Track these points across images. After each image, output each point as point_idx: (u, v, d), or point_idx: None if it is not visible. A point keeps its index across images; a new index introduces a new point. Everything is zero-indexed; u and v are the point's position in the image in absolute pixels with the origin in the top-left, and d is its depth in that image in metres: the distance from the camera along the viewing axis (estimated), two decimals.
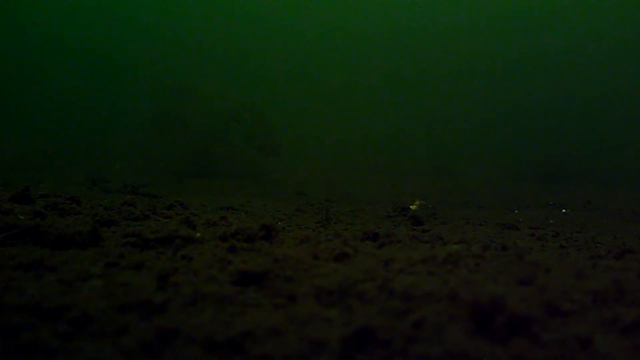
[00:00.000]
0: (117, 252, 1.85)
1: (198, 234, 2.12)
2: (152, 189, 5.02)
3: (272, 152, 9.27)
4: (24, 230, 2.00)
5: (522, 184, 9.74)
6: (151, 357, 1.09)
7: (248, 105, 9.89)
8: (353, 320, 1.23)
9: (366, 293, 1.42)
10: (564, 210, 5.14)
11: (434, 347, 1.11)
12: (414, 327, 1.20)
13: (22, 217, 2.33)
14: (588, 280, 1.52)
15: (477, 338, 1.17)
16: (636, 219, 4.56)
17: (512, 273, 1.60)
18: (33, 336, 1.12)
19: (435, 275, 1.62)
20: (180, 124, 10.00)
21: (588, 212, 5.18)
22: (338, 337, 1.14)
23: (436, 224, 3.38)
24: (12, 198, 2.97)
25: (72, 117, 16.04)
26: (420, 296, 1.37)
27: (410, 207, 3.92)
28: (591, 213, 5.04)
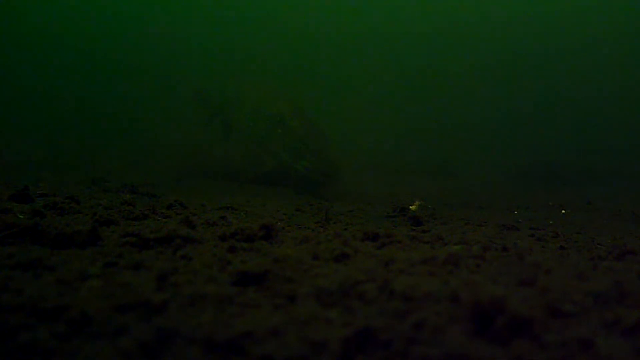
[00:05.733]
0: (116, 251, 1.85)
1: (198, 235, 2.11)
2: (151, 188, 5.01)
3: (329, 176, 6.58)
4: (23, 229, 1.99)
5: (522, 185, 9.74)
6: (150, 358, 1.09)
7: (296, 108, 7.35)
8: (353, 321, 1.23)
9: (366, 294, 1.41)
10: (563, 211, 5.13)
11: (434, 348, 1.11)
12: (414, 328, 1.19)
13: (21, 216, 2.33)
14: (589, 282, 1.52)
15: (477, 339, 1.17)
16: (636, 220, 4.55)
17: (512, 274, 1.60)
18: (31, 336, 1.12)
19: (436, 276, 1.62)
20: (224, 125, 8.24)
21: (588, 212, 5.17)
22: (338, 338, 1.13)
23: (436, 224, 3.37)
24: (11, 197, 2.96)
25: (73, 117, 16.03)
26: (421, 297, 1.37)
27: (410, 207, 3.92)
28: (591, 214, 5.03)
